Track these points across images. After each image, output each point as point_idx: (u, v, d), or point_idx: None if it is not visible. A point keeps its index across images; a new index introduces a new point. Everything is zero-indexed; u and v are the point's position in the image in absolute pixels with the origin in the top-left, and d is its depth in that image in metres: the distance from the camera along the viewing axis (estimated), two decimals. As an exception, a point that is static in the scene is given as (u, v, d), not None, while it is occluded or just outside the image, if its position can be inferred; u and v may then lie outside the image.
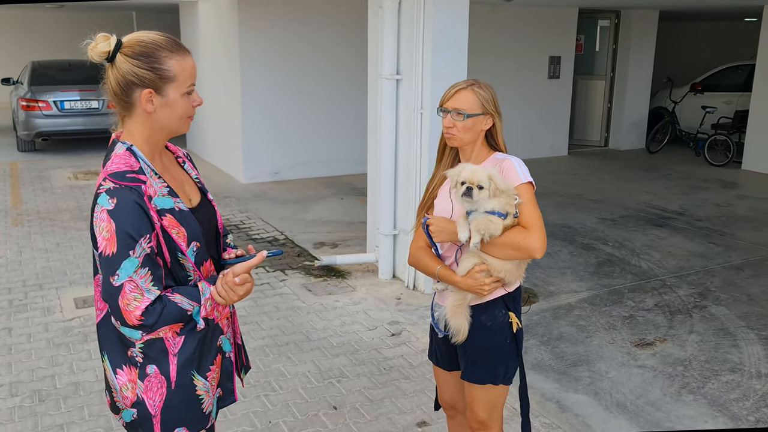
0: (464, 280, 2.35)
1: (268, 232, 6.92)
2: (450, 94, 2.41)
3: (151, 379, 1.84)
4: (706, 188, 9.15)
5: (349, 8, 8.92)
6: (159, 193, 1.77)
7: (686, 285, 5.55)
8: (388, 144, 5.43)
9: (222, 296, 1.81)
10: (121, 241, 1.68)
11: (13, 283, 5.45)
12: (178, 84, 1.77)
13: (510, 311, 2.44)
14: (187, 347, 1.85)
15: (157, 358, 1.83)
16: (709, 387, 3.93)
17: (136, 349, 1.83)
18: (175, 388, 1.85)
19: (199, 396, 1.89)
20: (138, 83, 1.74)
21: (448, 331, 2.46)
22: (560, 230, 7.01)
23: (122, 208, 1.69)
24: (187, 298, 1.78)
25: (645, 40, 11.84)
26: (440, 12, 4.96)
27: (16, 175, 9.54)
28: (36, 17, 18.33)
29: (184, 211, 1.81)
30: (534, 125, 10.88)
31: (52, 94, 10.89)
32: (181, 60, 1.77)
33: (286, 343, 4.43)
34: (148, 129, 1.81)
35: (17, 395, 3.74)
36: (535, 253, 2.27)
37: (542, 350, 4.37)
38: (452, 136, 2.39)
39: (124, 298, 1.69)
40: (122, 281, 1.69)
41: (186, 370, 1.86)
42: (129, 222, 1.69)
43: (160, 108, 1.77)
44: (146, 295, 1.70)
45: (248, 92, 9.01)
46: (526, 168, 2.37)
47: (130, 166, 1.76)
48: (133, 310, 1.69)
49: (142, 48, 1.74)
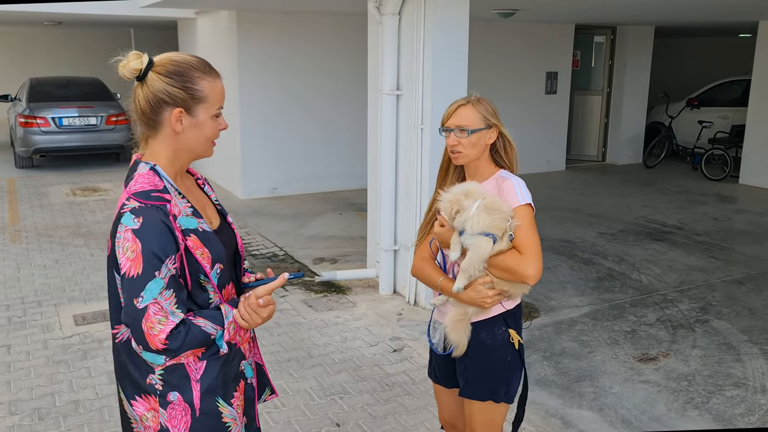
0: (466, 293, 2.33)
1: (267, 248, 6.90)
2: (451, 112, 2.40)
3: (175, 407, 1.77)
4: (704, 203, 9.17)
5: (345, 25, 8.97)
6: (183, 212, 1.74)
7: (687, 299, 5.54)
8: (388, 159, 5.43)
9: (245, 319, 1.76)
10: (147, 261, 1.63)
11: (12, 300, 5.41)
12: (209, 105, 1.76)
13: (510, 328, 2.42)
14: (210, 373, 1.78)
15: (179, 384, 1.76)
16: (713, 402, 3.91)
17: (155, 375, 1.76)
18: (201, 416, 1.78)
19: (226, 424, 1.82)
20: (169, 102, 1.72)
21: (448, 351, 2.44)
22: (560, 245, 7.00)
23: (148, 227, 1.64)
24: (210, 322, 1.72)
25: (641, 55, 11.92)
26: (440, 27, 4.99)
27: (14, 192, 9.51)
28: (34, 34, 18.39)
29: (207, 232, 1.78)
30: (531, 140, 10.91)
31: (50, 111, 10.90)
32: (213, 82, 1.77)
33: (288, 360, 4.40)
34: (173, 150, 1.78)
35: (17, 413, 3.70)
36: (528, 280, 2.24)
37: (545, 365, 4.35)
38: (458, 154, 2.38)
39: (148, 321, 1.63)
40: (146, 303, 1.63)
41: (210, 396, 1.79)
42: (155, 241, 1.64)
43: (189, 129, 1.75)
44: (171, 318, 1.64)
45: (246, 108, 9.02)
46: (527, 190, 2.35)
47: (155, 185, 1.72)
48: (158, 334, 1.63)
49: (175, 67, 1.73)
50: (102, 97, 11.71)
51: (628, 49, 11.75)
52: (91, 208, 8.57)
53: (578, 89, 12.04)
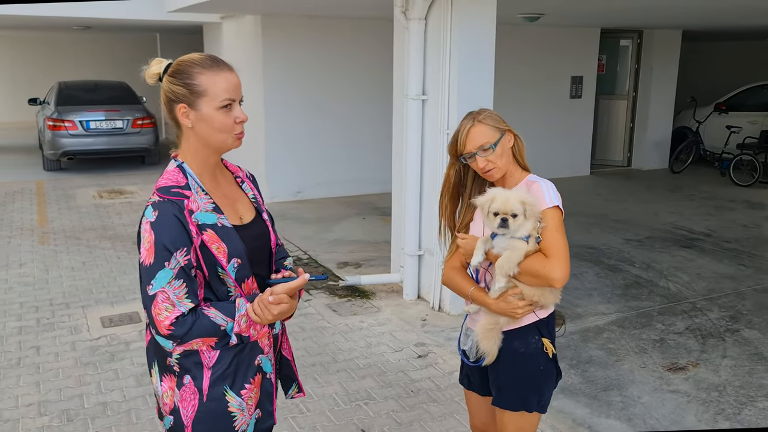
0: (496, 303, 2.31)
1: (291, 251, 6.92)
2: (464, 138, 2.32)
3: (186, 390, 1.87)
4: (733, 209, 9.03)
5: (368, 30, 8.98)
6: (203, 208, 1.82)
7: (717, 308, 5.44)
8: (413, 164, 5.42)
9: (257, 314, 1.81)
10: (158, 252, 1.74)
11: (41, 301, 5.48)
12: (210, 98, 1.82)
13: (543, 337, 2.39)
14: (222, 362, 1.86)
15: (191, 369, 1.86)
16: (745, 413, 3.83)
17: (172, 359, 1.87)
18: (207, 402, 1.86)
19: (231, 413, 1.89)
20: (174, 99, 1.83)
21: (479, 361, 2.42)
22: (585, 251, 6.93)
23: (162, 221, 1.75)
24: (222, 314, 1.79)
25: (668, 59, 11.77)
26: (466, 33, 4.97)
27: (43, 194, 9.65)
28: (62, 39, 18.68)
29: (227, 227, 1.85)
30: (555, 145, 10.83)
31: (78, 114, 11.05)
32: (213, 75, 1.83)
33: (312, 365, 4.40)
34: (192, 144, 1.87)
35: (46, 414, 3.74)
36: (555, 283, 2.22)
37: (572, 374, 4.30)
38: (492, 171, 2.33)
39: (156, 307, 1.74)
40: (156, 291, 1.74)
41: (219, 384, 1.87)
42: (167, 234, 1.74)
43: (197, 123, 1.84)
44: (177, 306, 1.74)
45: (271, 111, 9.07)
46: (556, 192, 2.32)
47: (177, 182, 1.83)
48: (163, 320, 1.74)
49: (178, 66, 1.85)
50: (128, 100, 11.85)
51: (655, 53, 11.61)
52: (117, 210, 8.66)
53: (604, 94, 11.92)
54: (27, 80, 18.24)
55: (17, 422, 3.66)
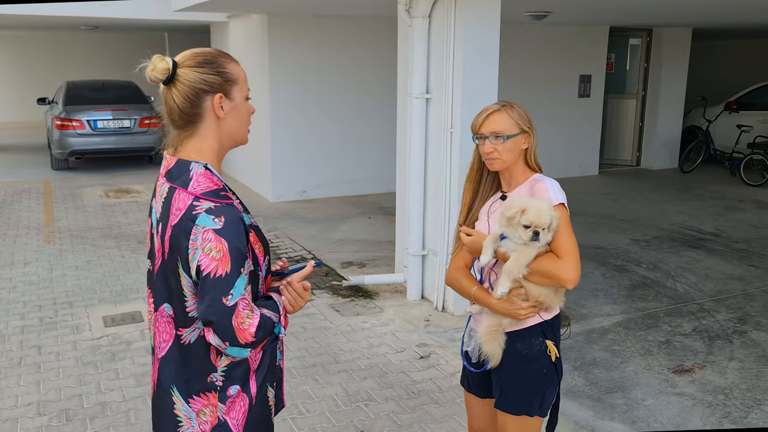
0: (500, 303, 2.27)
1: (296, 251, 6.90)
2: (483, 119, 2.32)
3: (234, 399, 1.83)
4: (742, 209, 8.92)
5: (375, 30, 8.93)
6: (241, 209, 1.80)
7: (725, 309, 5.37)
8: (417, 163, 5.38)
9: (291, 304, 1.85)
10: (234, 259, 1.66)
11: (44, 300, 5.49)
12: (241, 87, 1.82)
13: (547, 339, 2.35)
14: (264, 363, 1.87)
15: (240, 377, 1.83)
16: (752, 417, 3.77)
17: (217, 373, 1.80)
18: (256, 404, 1.87)
19: (270, 406, 1.93)
20: (208, 89, 1.75)
21: (483, 366, 2.38)
22: (592, 251, 6.86)
23: (230, 226, 1.68)
24: (270, 311, 1.78)
25: (678, 58, 11.67)
26: (471, 30, 4.92)
27: (50, 193, 9.68)
28: (70, 39, 18.76)
29: (257, 226, 1.85)
30: (563, 144, 10.76)
31: (86, 114, 11.08)
32: (236, 66, 1.83)
33: (313, 365, 4.36)
34: (217, 140, 1.80)
35: (45, 414, 3.73)
36: (567, 284, 2.18)
37: (575, 375, 4.25)
38: (494, 160, 2.31)
39: (238, 316, 1.67)
40: (236, 300, 1.67)
41: (264, 384, 1.88)
42: (239, 239, 1.69)
43: (230, 113, 1.79)
44: (255, 311, 1.71)
45: (276, 111, 9.05)
46: (561, 190, 2.28)
47: (217, 185, 1.75)
48: (248, 328, 1.68)
49: (203, 57, 1.77)
50: (136, 100, 11.89)
51: (665, 51, 11.51)
52: (123, 209, 8.67)
53: (612, 92, 11.83)
54: (36, 80, 18.33)
55: (16, 422, 3.65)
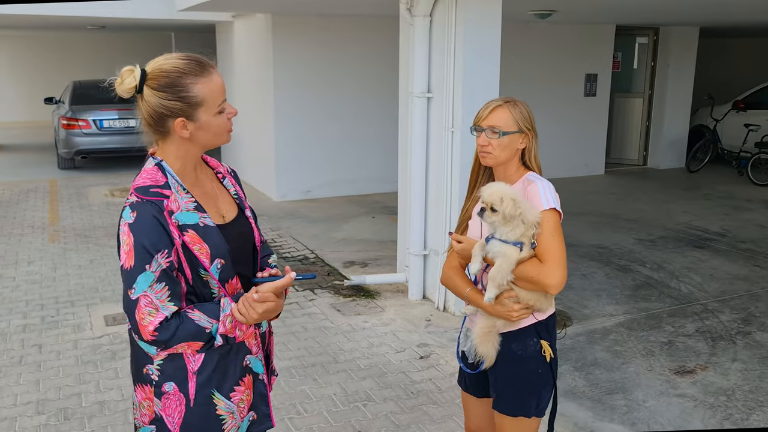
0: (493, 306, 2.26)
1: (298, 250, 6.89)
2: (485, 113, 2.32)
3: (170, 397, 1.82)
4: (750, 209, 8.85)
5: (378, 30, 8.90)
6: (183, 208, 1.76)
7: (729, 310, 5.32)
8: (418, 162, 5.36)
9: (242, 313, 1.76)
10: (138, 254, 1.68)
11: (46, 299, 5.50)
12: (208, 107, 1.76)
13: (542, 339, 2.33)
14: (207, 365, 1.82)
15: (175, 375, 1.81)
16: (753, 419, 3.73)
17: (153, 366, 1.81)
18: (194, 407, 1.82)
19: (220, 416, 1.86)
20: (169, 114, 1.74)
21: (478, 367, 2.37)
22: (595, 251, 6.82)
23: (141, 222, 1.69)
24: (206, 315, 1.75)
25: (685, 56, 11.58)
26: (471, 29, 4.90)
27: (55, 192, 9.73)
28: (77, 39, 18.83)
29: (209, 227, 1.79)
30: (569, 144, 10.71)
31: (92, 113, 11.12)
32: (207, 82, 1.75)
33: (313, 365, 4.36)
34: (183, 150, 1.81)
35: (43, 413, 3.74)
36: (550, 289, 2.16)
37: (576, 376, 4.22)
38: (487, 155, 2.31)
39: (140, 312, 1.69)
40: (138, 295, 1.69)
41: (205, 388, 1.83)
42: (146, 236, 1.69)
43: (196, 132, 1.78)
44: (161, 310, 1.69)
45: (281, 110, 9.05)
46: (554, 193, 2.25)
47: (156, 181, 1.76)
48: (147, 325, 1.69)
49: (166, 78, 1.72)
50: (142, 99, 11.89)
51: (672, 50, 11.43)
52: (128, 209, 8.68)
53: (619, 92, 11.76)
54: (44, 80, 18.42)
55: (14, 420, 3.66)
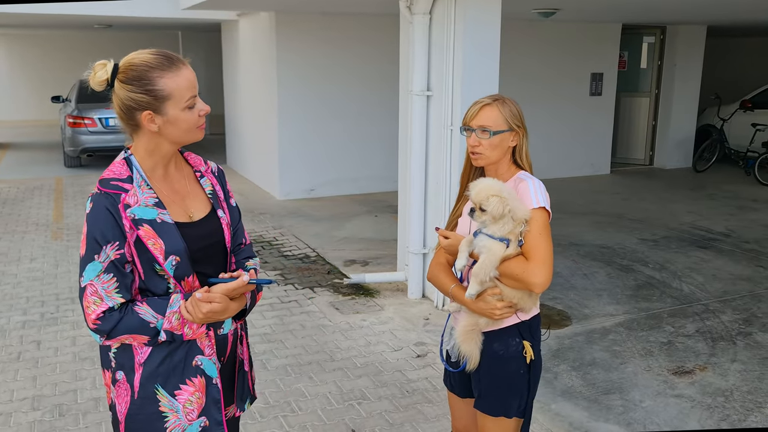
0: (476, 303, 2.24)
1: (300, 248, 6.89)
2: (474, 112, 2.30)
3: (120, 386, 1.86)
4: (756, 209, 8.78)
5: (381, 28, 8.89)
6: (142, 203, 1.78)
7: (730, 310, 5.28)
8: (418, 161, 5.35)
9: (189, 311, 1.76)
10: (89, 244, 1.74)
11: (47, 296, 5.53)
12: (176, 101, 1.77)
13: (525, 340, 2.31)
14: (153, 359, 1.82)
15: (124, 365, 1.84)
16: (751, 420, 3.69)
17: (110, 353, 1.86)
18: (138, 399, 1.84)
19: (162, 413, 1.84)
20: (136, 107, 1.77)
21: (461, 366, 2.35)
22: (598, 251, 6.78)
23: (94, 213, 1.74)
24: (153, 310, 1.76)
25: (692, 56, 11.51)
26: (471, 27, 4.88)
27: (61, 190, 9.77)
28: (85, 38, 18.92)
29: (166, 223, 1.80)
30: (575, 143, 10.66)
31: (97, 112, 11.15)
32: (174, 76, 1.76)
33: (309, 363, 4.35)
34: (154, 144, 1.83)
35: (39, 409, 3.75)
36: (534, 288, 2.14)
37: (573, 376, 4.19)
38: (479, 156, 2.29)
39: (86, 299, 1.74)
40: (85, 283, 1.74)
41: (149, 382, 1.83)
42: (98, 227, 1.73)
43: (164, 126, 1.80)
44: (105, 300, 1.73)
45: (284, 109, 9.05)
46: (545, 193, 2.24)
47: (119, 174, 1.80)
48: (91, 314, 1.73)
49: (133, 72, 1.76)
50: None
51: (679, 49, 11.36)
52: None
53: (625, 91, 11.69)
54: (53, 79, 18.51)
55: (10, 416, 3.68)
